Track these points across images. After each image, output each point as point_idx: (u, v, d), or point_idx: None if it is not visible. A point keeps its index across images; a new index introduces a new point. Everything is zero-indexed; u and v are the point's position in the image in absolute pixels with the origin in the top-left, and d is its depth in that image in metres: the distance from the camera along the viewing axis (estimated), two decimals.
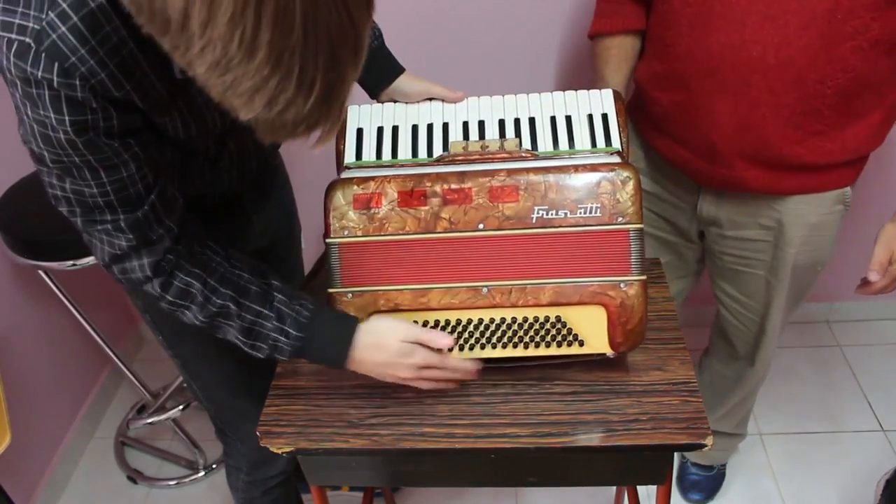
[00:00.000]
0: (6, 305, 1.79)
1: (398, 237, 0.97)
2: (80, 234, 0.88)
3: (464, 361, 0.96)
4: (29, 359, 1.87)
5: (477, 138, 1.08)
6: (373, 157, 1.07)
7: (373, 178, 0.98)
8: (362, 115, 1.12)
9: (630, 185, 0.94)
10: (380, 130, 1.10)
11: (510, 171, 0.96)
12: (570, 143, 1.06)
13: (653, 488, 1.36)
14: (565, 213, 0.95)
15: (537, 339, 0.98)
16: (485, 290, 0.97)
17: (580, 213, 0.94)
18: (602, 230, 0.95)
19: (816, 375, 2.11)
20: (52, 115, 0.72)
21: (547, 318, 0.97)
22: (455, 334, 0.98)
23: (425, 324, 0.99)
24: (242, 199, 1.13)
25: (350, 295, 0.99)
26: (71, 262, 1.58)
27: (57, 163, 0.77)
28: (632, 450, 0.95)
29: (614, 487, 1.69)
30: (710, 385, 1.64)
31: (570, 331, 0.97)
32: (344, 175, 1.00)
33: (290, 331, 0.92)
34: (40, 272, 1.70)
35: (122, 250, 0.86)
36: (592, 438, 0.95)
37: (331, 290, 0.99)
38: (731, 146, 1.18)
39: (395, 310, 0.98)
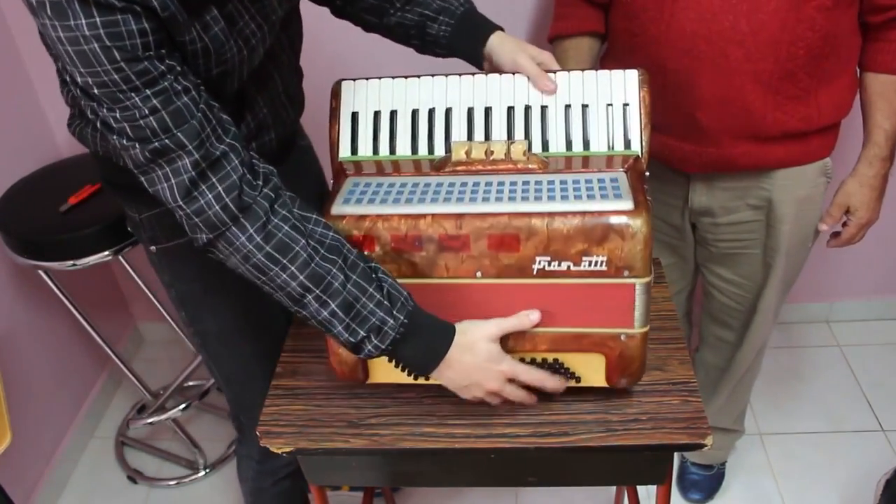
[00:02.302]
0: (6, 305, 1.79)
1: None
2: (145, 186, 0.85)
3: (551, 376, 0.93)
4: (29, 359, 1.87)
5: (482, 129, 1.01)
6: (369, 152, 1.03)
7: (365, 217, 0.90)
8: (357, 94, 1.03)
9: (641, 236, 0.85)
10: (376, 116, 1.03)
11: (511, 215, 0.87)
12: (585, 142, 0.99)
13: (653, 488, 1.36)
14: (568, 266, 0.87)
15: None
16: None
17: (584, 265, 0.87)
18: (607, 283, 0.88)
19: (816, 375, 2.11)
20: (84, 22, 0.73)
21: (545, 360, 0.96)
22: None
23: None
24: None
25: None
26: (71, 262, 1.58)
27: (102, 87, 0.77)
28: (632, 450, 0.95)
29: (614, 487, 1.70)
30: (704, 378, 1.66)
31: (567, 370, 0.96)
32: (334, 209, 0.92)
33: (399, 315, 0.87)
34: (40, 272, 1.70)
35: (188, 173, 0.81)
36: (592, 438, 0.95)
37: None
38: (716, 121, 1.21)
39: None
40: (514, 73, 1.02)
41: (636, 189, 0.89)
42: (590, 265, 0.87)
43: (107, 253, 1.59)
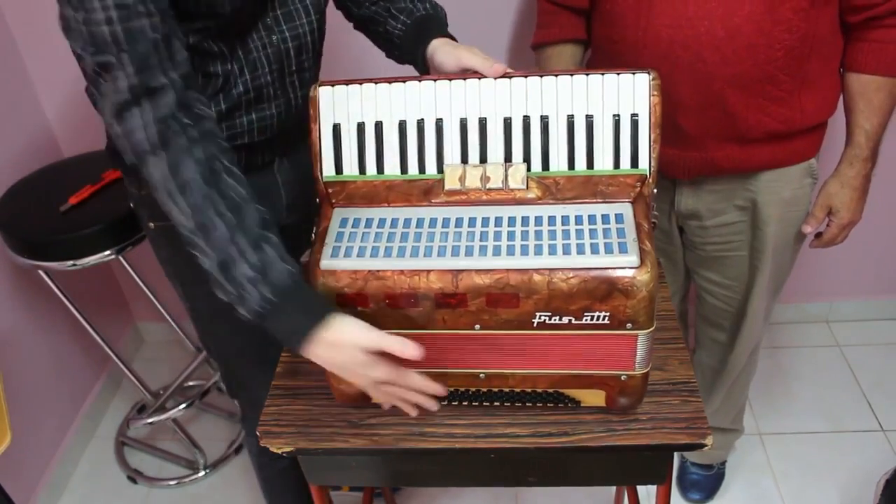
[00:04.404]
0: (6, 305, 1.79)
1: (390, 331, 0.87)
2: (93, 97, 0.90)
3: (428, 381, 0.89)
4: (29, 359, 1.87)
5: (477, 146, 0.93)
6: (355, 171, 0.95)
7: (357, 274, 0.85)
8: (337, 102, 0.95)
9: (646, 292, 0.81)
10: (360, 129, 0.95)
11: (510, 272, 0.83)
12: (590, 161, 0.92)
13: (653, 488, 1.36)
14: (570, 320, 0.84)
15: (532, 399, 0.97)
16: (482, 375, 0.93)
17: (586, 319, 0.84)
18: (608, 334, 0.86)
19: (816, 375, 2.11)
20: None
21: (545, 391, 0.96)
22: (449, 397, 0.97)
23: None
24: (272, 170, 1.13)
25: None
26: (71, 262, 1.58)
27: None
28: (632, 450, 0.94)
29: (614, 487, 1.70)
30: (701, 379, 1.66)
31: (566, 397, 0.96)
32: (323, 263, 0.87)
33: (264, 291, 0.85)
34: (40, 272, 1.70)
35: (123, 95, 0.84)
36: (592, 438, 0.95)
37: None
38: (698, 126, 1.21)
39: None
40: (509, 78, 0.93)
41: (641, 231, 0.85)
42: (591, 319, 0.84)
43: (107, 253, 1.59)
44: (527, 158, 0.94)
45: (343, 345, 0.85)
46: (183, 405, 1.95)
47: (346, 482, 1.59)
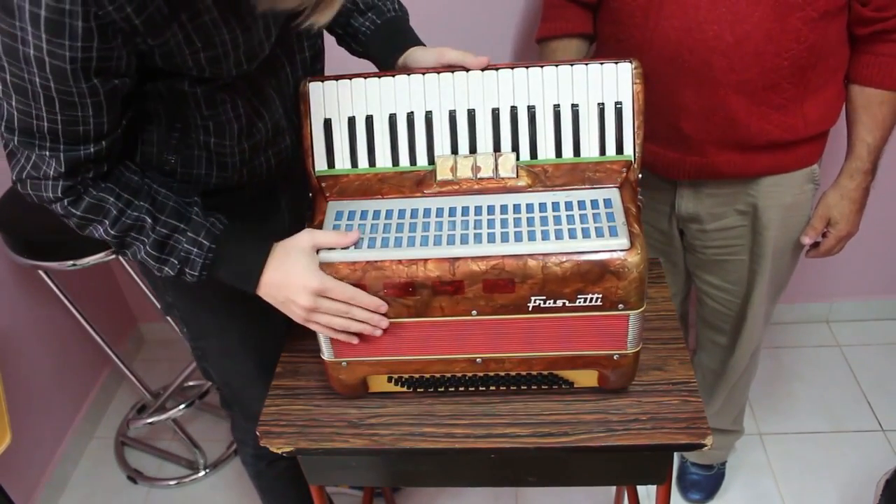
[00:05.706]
0: (6, 305, 1.79)
1: (390, 320, 0.90)
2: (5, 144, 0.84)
3: (368, 296, 0.88)
4: (29, 359, 1.87)
5: (467, 137, 0.96)
6: (347, 165, 0.97)
7: (356, 265, 0.87)
8: (328, 97, 0.97)
9: (636, 273, 0.84)
10: (351, 123, 0.96)
11: (505, 258, 0.85)
12: (576, 149, 0.95)
13: (653, 488, 1.37)
14: (563, 303, 0.87)
15: (528, 381, 0.99)
16: (479, 360, 0.94)
17: (579, 301, 0.87)
18: (601, 315, 0.88)
19: (816, 375, 2.11)
20: (30, 29, 0.70)
21: (540, 374, 0.97)
22: (447, 383, 0.99)
23: (421, 378, 0.98)
24: (277, 194, 1.12)
25: (345, 363, 0.96)
26: (71, 262, 1.58)
27: (15, 77, 0.74)
28: (631, 450, 0.95)
29: (614, 487, 1.70)
30: (701, 381, 1.66)
31: (560, 378, 0.98)
32: (322, 256, 0.88)
33: (204, 241, 0.90)
34: (40, 272, 1.70)
35: (45, 177, 0.83)
36: (592, 438, 0.95)
37: (325, 359, 0.97)
38: (700, 131, 1.21)
39: (392, 372, 0.97)
40: (496, 70, 0.95)
41: (629, 214, 0.88)
42: (585, 301, 0.87)
43: (107, 253, 1.59)
44: (515, 148, 0.96)
45: (296, 248, 0.88)
46: (183, 405, 1.95)
47: (346, 482, 1.59)
